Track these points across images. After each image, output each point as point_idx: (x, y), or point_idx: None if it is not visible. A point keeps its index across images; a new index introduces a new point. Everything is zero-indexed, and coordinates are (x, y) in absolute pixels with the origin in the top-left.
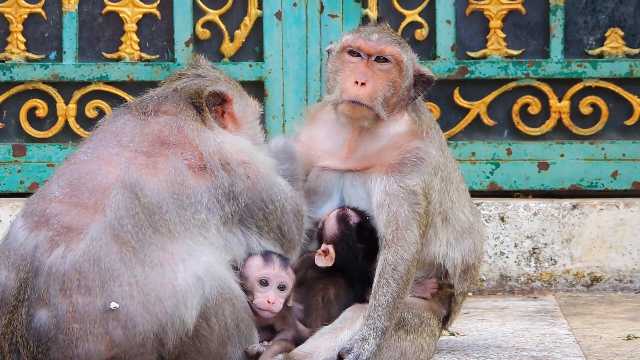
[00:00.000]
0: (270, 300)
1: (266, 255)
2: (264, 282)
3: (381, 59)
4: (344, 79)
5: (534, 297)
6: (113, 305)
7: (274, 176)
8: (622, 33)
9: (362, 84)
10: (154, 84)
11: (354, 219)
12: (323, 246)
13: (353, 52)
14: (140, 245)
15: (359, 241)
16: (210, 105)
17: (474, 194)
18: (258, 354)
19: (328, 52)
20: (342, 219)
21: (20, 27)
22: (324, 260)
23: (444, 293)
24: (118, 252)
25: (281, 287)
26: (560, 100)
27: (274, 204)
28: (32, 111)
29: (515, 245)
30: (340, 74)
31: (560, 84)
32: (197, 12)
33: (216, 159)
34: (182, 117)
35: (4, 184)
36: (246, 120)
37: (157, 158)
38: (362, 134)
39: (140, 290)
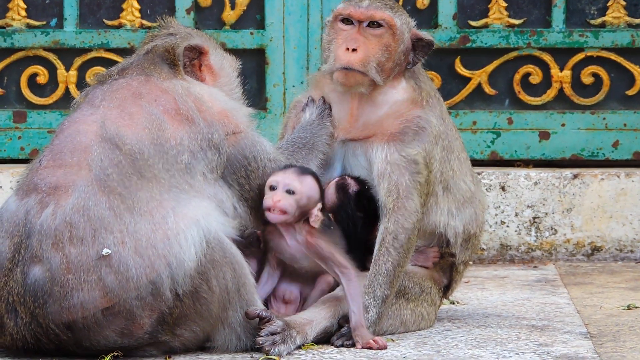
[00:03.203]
0: (275, 198)
1: (285, 166)
2: (273, 187)
3: (373, 24)
4: (336, 47)
5: (535, 267)
6: (105, 251)
7: (256, 134)
8: (624, 3)
9: (354, 50)
10: None
11: (353, 187)
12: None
13: (345, 20)
14: (128, 192)
15: (358, 209)
16: (187, 60)
17: (475, 163)
18: (260, 317)
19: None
20: (341, 188)
21: None
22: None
23: (446, 262)
24: (106, 201)
25: (289, 192)
26: (561, 69)
27: (256, 162)
28: (32, 78)
29: (516, 215)
30: (334, 43)
31: (561, 54)
32: None
33: (191, 104)
34: (149, 72)
35: (5, 150)
36: (224, 73)
37: (132, 109)
38: (362, 102)
39: (131, 236)
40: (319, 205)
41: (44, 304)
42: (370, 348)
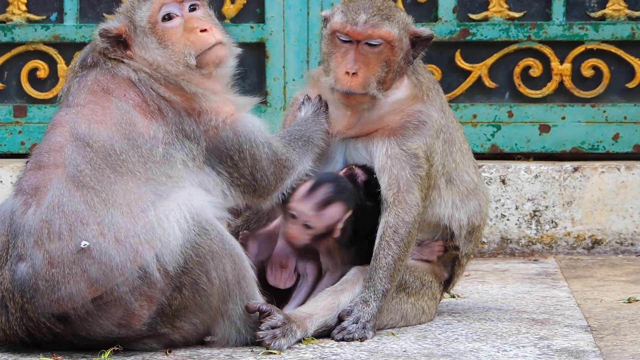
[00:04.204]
0: (292, 233)
1: (311, 186)
2: (293, 216)
3: (371, 41)
4: (336, 65)
5: (535, 260)
6: (83, 243)
7: (239, 123)
8: None
9: (354, 73)
10: None
11: (361, 177)
12: None
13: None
14: (102, 186)
15: (367, 198)
16: (110, 46)
17: (475, 156)
18: (260, 311)
19: (324, 19)
20: (350, 178)
21: None
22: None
23: (449, 256)
24: (81, 196)
25: (307, 227)
26: (561, 62)
27: (242, 153)
28: (33, 72)
29: (516, 208)
30: (333, 59)
31: (561, 47)
32: None
33: (154, 94)
34: (105, 62)
35: (5, 145)
36: (157, 44)
37: (104, 104)
38: (362, 110)
39: (109, 227)
40: (341, 224)
41: (31, 299)
42: None
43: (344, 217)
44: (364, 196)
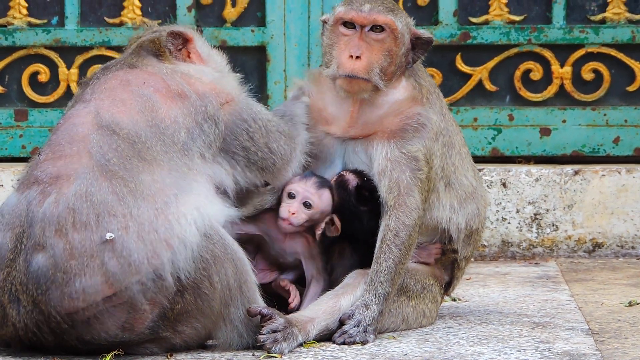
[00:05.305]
0: (291, 210)
1: (306, 173)
2: (291, 195)
3: (375, 28)
4: (339, 52)
5: (536, 263)
6: (109, 235)
7: (249, 99)
8: None
9: (357, 57)
10: None
11: (352, 182)
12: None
13: (347, 24)
14: (130, 175)
15: (360, 204)
16: (173, 47)
17: (476, 159)
18: (261, 315)
19: (323, 23)
20: (340, 185)
21: None
22: (331, 230)
23: (447, 259)
24: (109, 186)
25: (307, 205)
26: (562, 66)
27: (256, 122)
28: (34, 76)
29: (517, 211)
30: (336, 48)
31: (562, 50)
32: None
33: (179, 79)
34: (135, 63)
35: (6, 149)
36: (213, 60)
37: (122, 96)
38: (363, 103)
39: (135, 220)
40: (327, 219)
41: (46, 291)
42: None
43: (329, 210)
44: (355, 202)
